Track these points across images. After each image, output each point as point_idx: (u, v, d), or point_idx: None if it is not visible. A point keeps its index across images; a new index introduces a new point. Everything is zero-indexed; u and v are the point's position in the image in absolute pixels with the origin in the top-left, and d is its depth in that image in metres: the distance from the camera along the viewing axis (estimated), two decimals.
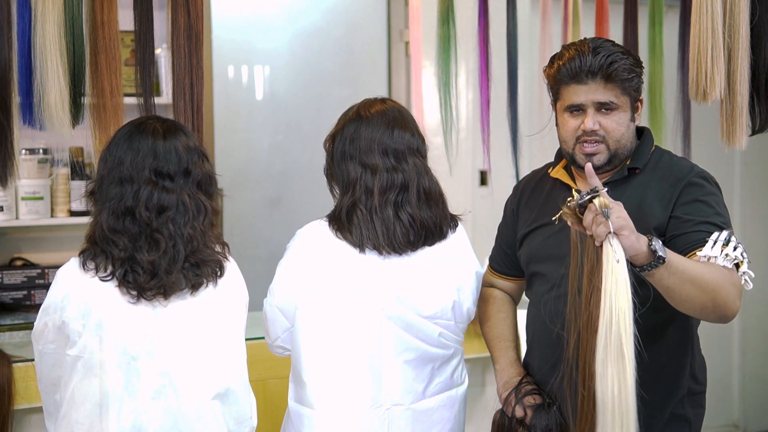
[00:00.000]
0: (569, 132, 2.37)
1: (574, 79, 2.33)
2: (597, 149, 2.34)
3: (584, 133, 2.34)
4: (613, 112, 2.33)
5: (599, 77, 2.31)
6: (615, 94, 2.32)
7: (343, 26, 4.82)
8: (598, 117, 2.33)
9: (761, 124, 2.96)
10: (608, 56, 2.31)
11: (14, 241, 3.99)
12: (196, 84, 2.74)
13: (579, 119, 2.35)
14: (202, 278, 2.22)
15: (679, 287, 2.13)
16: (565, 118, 2.38)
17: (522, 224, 2.55)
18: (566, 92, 2.36)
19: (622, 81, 2.32)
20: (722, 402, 5.12)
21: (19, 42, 2.57)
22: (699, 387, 2.43)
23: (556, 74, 2.37)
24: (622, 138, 2.35)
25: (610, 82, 2.31)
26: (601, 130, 2.33)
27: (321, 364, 2.37)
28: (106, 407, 2.15)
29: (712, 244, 2.21)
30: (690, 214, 2.28)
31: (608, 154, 2.35)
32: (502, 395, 2.47)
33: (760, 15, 2.87)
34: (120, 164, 2.20)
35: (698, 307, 2.17)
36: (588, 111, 2.33)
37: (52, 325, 2.19)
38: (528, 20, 4.07)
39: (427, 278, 2.40)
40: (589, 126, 2.33)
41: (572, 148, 2.37)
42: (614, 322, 1.99)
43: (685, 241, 2.25)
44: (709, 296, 2.15)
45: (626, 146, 2.37)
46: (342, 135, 2.42)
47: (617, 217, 2.03)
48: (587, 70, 2.31)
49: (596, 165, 2.33)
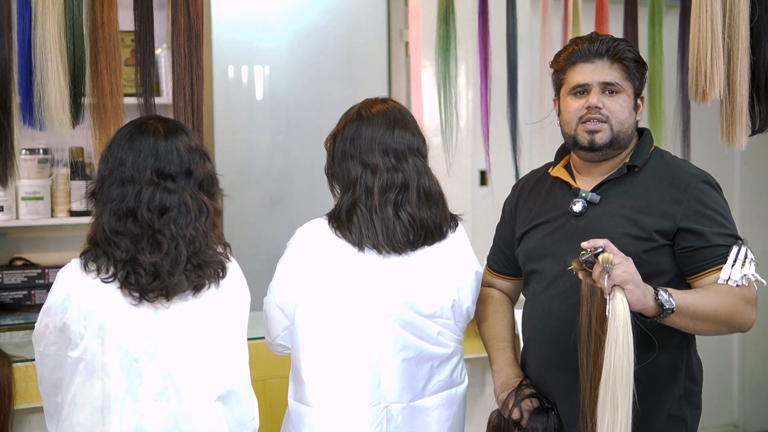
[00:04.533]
0: (572, 112, 2.39)
1: (582, 58, 2.38)
2: (600, 127, 2.36)
3: (588, 111, 2.36)
4: (617, 94, 2.36)
5: (606, 57, 2.36)
6: (620, 77, 2.36)
7: (343, 26, 4.82)
8: (602, 98, 2.36)
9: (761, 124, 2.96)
10: (614, 40, 2.39)
11: (14, 241, 3.99)
12: (196, 84, 2.75)
13: (582, 99, 2.38)
14: (204, 279, 2.22)
15: (692, 325, 2.23)
16: (568, 101, 2.40)
17: (520, 223, 2.56)
18: (572, 73, 2.40)
19: (627, 64, 2.37)
20: (722, 402, 5.12)
21: (19, 42, 2.57)
22: (696, 387, 2.43)
23: (565, 58, 2.41)
24: (625, 122, 2.37)
25: (616, 62, 2.36)
26: (605, 110, 2.36)
27: (320, 362, 2.37)
28: (108, 409, 2.15)
29: (731, 264, 2.27)
30: (702, 228, 2.30)
31: (610, 135, 2.36)
32: (499, 396, 2.48)
33: (760, 15, 2.87)
34: (121, 165, 2.19)
35: (713, 333, 2.29)
36: (593, 90, 2.36)
37: (53, 327, 2.19)
38: (528, 20, 4.07)
39: (427, 277, 2.40)
40: (593, 102, 2.35)
41: (574, 129, 2.39)
42: (611, 377, 2.05)
43: (701, 259, 2.30)
44: (723, 325, 2.26)
45: (628, 132, 2.39)
46: (343, 134, 2.42)
47: (622, 271, 2.07)
48: (595, 50, 2.37)
49: (599, 143, 2.36)
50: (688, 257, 2.31)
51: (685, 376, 2.39)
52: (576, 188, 2.43)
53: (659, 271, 2.32)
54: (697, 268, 2.31)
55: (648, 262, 2.30)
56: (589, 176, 2.45)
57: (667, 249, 2.32)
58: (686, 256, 2.31)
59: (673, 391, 2.37)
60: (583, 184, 2.44)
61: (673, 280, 2.33)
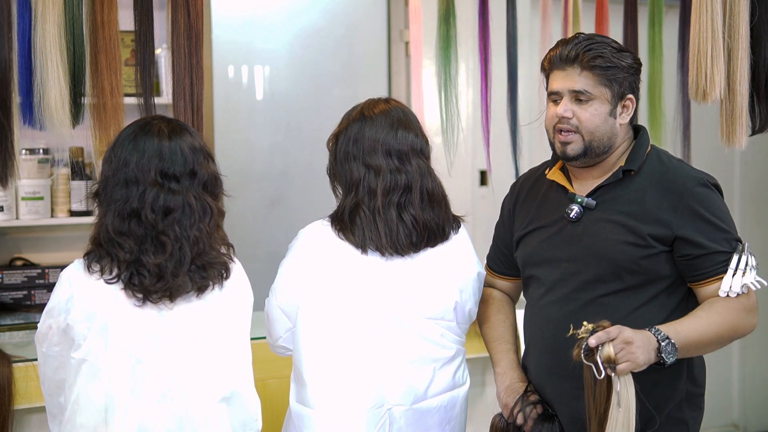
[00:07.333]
0: (548, 120, 2.39)
1: (557, 65, 2.35)
2: (571, 138, 2.34)
3: (559, 121, 2.34)
4: (588, 102, 2.32)
5: (576, 64, 2.32)
6: (591, 84, 2.31)
7: (343, 26, 4.82)
8: (572, 106, 2.33)
9: (761, 124, 2.96)
10: (588, 45, 2.32)
11: (14, 241, 3.99)
12: (196, 84, 2.75)
13: (557, 107, 2.36)
14: (208, 280, 2.21)
15: (696, 352, 2.29)
16: (549, 107, 2.40)
17: (518, 226, 2.55)
18: (550, 80, 2.39)
19: (599, 70, 2.31)
20: (722, 402, 5.12)
21: (19, 42, 2.57)
22: (698, 389, 2.43)
23: (547, 62, 2.39)
24: (596, 130, 2.33)
25: (585, 70, 2.31)
26: (575, 119, 2.33)
27: (323, 364, 2.36)
28: (112, 411, 2.15)
29: (731, 275, 2.27)
30: (699, 236, 2.29)
31: (582, 145, 2.34)
32: (503, 400, 2.46)
33: (760, 15, 2.87)
34: (125, 165, 2.18)
35: (719, 348, 2.34)
36: (564, 98, 2.34)
37: (56, 328, 2.18)
38: (528, 20, 4.07)
39: (429, 279, 2.40)
40: (560, 111, 2.33)
41: (552, 137, 2.39)
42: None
43: (701, 267, 2.29)
44: (725, 342, 2.31)
45: (603, 140, 2.35)
46: (345, 135, 2.42)
47: (626, 362, 2.08)
48: (565, 56, 2.33)
49: (570, 155, 2.35)
50: (688, 265, 2.31)
51: (686, 380, 2.39)
52: (572, 193, 2.42)
53: (658, 277, 2.31)
54: (697, 277, 2.31)
55: (646, 268, 2.30)
56: (584, 179, 2.43)
57: (666, 255, 2.31)
58: (686, 264, 2.31)
59: (674, 394, 2.37)
60: (579, 188, 2.43)
61: (671, 286, 2.33)
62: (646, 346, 2.11)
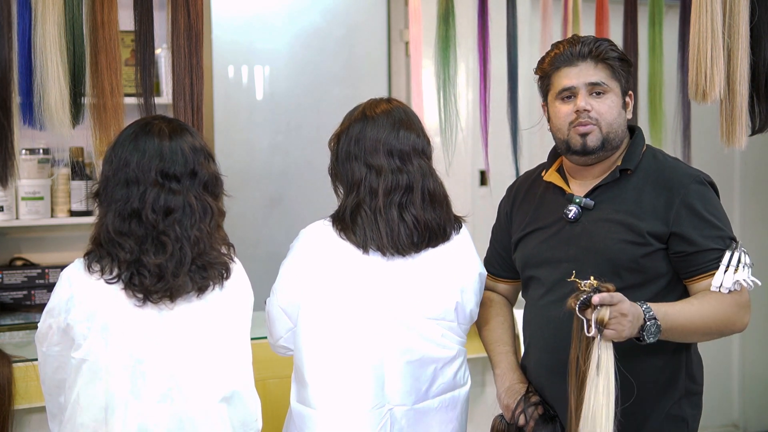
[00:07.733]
0: (562, 118, 2.39)
1: (565, 62, 2.37)
2: (591, 129, 2.35)
3: (577, 115, 2.35)
4: (604, 95, 2.36)
5: (589, 59, 2.35)
6: (606, 76, 2.36)
7: (343, 26, 4.82)
8: (589, 100, 2.35)
9: (761, 124, 2.96)
10: (597, 41, 2.38)
11: (14, 241, 3.99)
12: (196, 84, 2.75)
13: (571, 104, 2.37)
14: (208, 281, 2.21)
15: (680, 338, 2.28)
16: (557, 106, 2.40)
17: (516, 228, 2.55)
18: (557, 78, 2.39)
19: (611, 63, 2.36)
20: (722, 402, 5.13)
21: (19, 42, 2.57)
22: (696, 387, 2.43)
23: (548, 64, 2.41)
24: (614, 122, 2.36)
25: (600, 63, 2.36)
26: (594, 112, 2.35)
27: (324, 364, 2.36)
28: (112, 411, 2.15)
29: (723, 271, 2.27)
30: (693, 232, 2.30)
31: (601, 137, 2.36)
32: (504, 401, 2.47)
33: (760, 15, 2.87)
34: (126, 165, 2.18)
35: (705, 341, 2.35)
36: (580, 93, 2.36)
37: (56, 328, 2.18)
38: (528, 20, 4.07)
39: (431, 280, 2.40)
40: (581, 105, 2.35)
41: (566, 134, 2.38)
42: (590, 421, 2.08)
43: (694, 264, 2.30)
44: (714, 333, 2.31)
45: (618, 132, 2.38)
46: (347, 135, 2.42)
47: (612, 331, 2.07)
48: (578, 52, 2.36)
49: (590, 146, 2.35)
50: (682, 262, 2.32)
51: (685, 377, 2.39)
52: (570, 194, 2.42)
53: (656, 275, 2.32)
54: (690, 273, 2.32)
55: (646, 267, 2.31)
56: (582, 180, 2.44)
57: (662, 253, 2.32)
58: (679, 261, 2.32)
59: (673, 392, 2.37)
60: (576, 188, 2.44)
61: (670, 284, 2.34)
62: (635, 321, 2.12)
